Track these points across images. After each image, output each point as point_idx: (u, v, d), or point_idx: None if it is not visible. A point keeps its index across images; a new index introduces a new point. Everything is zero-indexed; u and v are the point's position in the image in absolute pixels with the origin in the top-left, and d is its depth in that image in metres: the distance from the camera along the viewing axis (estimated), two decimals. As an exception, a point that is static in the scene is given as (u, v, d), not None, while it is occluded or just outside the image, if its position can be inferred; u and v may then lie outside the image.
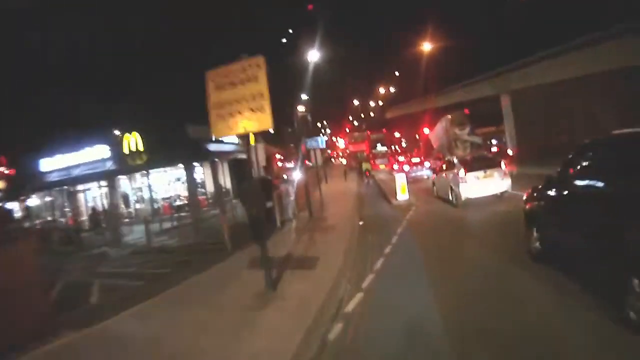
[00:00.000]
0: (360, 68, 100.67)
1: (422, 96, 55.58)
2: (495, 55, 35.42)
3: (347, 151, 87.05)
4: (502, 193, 15.75)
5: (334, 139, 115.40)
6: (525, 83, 30.57)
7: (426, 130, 41.56)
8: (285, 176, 36.31)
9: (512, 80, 32.40)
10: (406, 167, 32.80)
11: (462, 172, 15.74)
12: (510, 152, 27.74)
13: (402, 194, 19.77)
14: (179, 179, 31.18)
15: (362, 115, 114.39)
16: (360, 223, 14.82)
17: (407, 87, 69.03)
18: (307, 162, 24.16)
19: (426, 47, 45.23)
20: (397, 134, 75.86)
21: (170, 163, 27.53)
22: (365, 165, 40.09)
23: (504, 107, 33.50)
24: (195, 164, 29.08)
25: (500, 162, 16.15)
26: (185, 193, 29.90)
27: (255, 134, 7.68)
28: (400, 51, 70.16)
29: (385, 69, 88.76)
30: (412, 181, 30.51)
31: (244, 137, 8.38)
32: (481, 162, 16.35)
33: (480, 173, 15.54)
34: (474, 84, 38.06)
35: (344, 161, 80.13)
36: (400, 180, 20.14)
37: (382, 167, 51.01)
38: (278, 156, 59.65)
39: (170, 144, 24.56)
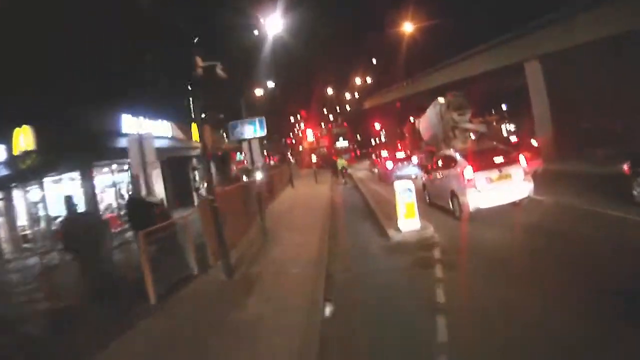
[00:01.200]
0: (333, 56, 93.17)
1: (404, 80, 48.88)
2: (496, 22, 28.56)
3: (301, 147, 79.30)
4: (520, 200, 11.47)
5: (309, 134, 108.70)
6: (563, 42, 22.04)
7: (412, 120, 34.61)
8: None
9: (544, 39, 23.42)
10: (389, 165, 25.51)
11: (468, 171, 11.41)
12: (534, 142, 20.65)
13: (409, 219, 10.85)
14: (115, 185, 23.27)
15: (338, 109, 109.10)
16: (327, 312, 6.51)
17: (386, 74, 63.47)
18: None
19: (407, 28, 40.55)
20: (377, 126, 68.35)
21: (66, 166, 19.64)
22: (340, 162, 33.00)
23: (530, 80, 25.40)
24: (102, 166, 21.30)
25: (518, 157, 11.79)
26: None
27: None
28: (378, 36, 65.64)
29: (360, 57, 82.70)
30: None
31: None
32: (493, 156, 11.77)
33: (494, 173, 11.24)
34: (476, 55, 30.44)
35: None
36: (405, 194, 11.03)
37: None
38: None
39: (69, 141, 16.98)
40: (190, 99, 21.11)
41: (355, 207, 18.14)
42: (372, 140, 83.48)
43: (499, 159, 11.52)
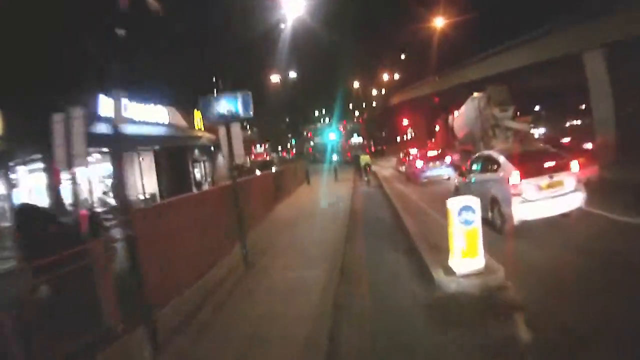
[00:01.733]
0: (361, 51, 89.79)
1: (435, 74, 45.68)
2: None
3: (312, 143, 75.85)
4: (570, 211, 9.58)
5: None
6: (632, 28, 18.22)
7: (447, 116, 31.54)
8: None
9: (610, 25, 19.70)
10: (419, 164, 22.59)
11: (515, 176, 9.58)
12: (589, 145, 17.58)
13: (469, 258, 6.69)
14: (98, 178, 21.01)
15: (364, 105, 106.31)
16: None
17: (415, 69, 60.47)
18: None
19: (438, 22, 38.48)
20: (405, 122, 65.08)
21: (28, 154, 16.92)
22: (364, 159, 29.97)
23: (590, 73, 21.79)
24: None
25: (570, 162, 9.85)
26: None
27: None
28: (407, 31, 63.09)
29: (389, 53, 79.31)
30: (426, 183, 22.30)
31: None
32: (542, 160, 10.02)
33: (543, 179, 9.46)
34: (521, 46, 26.82)
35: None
36: (464, 218, 6.78)
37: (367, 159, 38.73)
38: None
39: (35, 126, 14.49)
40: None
41: (382, 220, 14.13)
42: (398, 137, 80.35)
43: (549, 164, 9.73)
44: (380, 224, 13.46)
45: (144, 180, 22.57)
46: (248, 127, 62.67)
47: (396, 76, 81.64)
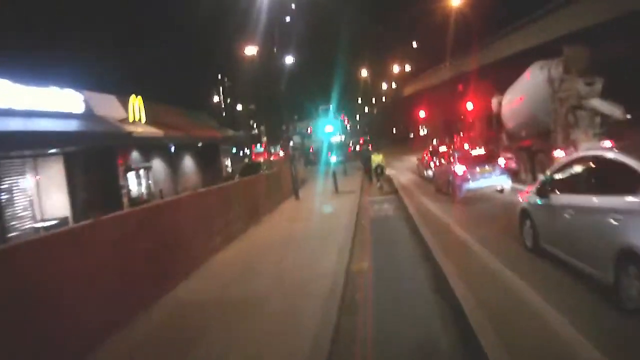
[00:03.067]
0: (370, 45, 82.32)
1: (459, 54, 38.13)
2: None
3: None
4: None
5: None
6: None
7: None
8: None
9: None
10: (459, 169, 14.34)
11: None
12: None
13: None
14: None
15: (374, 100, 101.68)
16: None
17: (430, 55, 53.13)
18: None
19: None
20: (422, 114, 56.73)
21: None
22: (376, 159, 22.40)
23: None
24: None
25: None
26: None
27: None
28: (419, 14, 56.32)
29: (399, 43, 73.37)
30: (469, 200, 14.36)
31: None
32: None
33: None
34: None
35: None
36: None
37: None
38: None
39: None
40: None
41: (412, 294, 6.59)
42: (412, 133, 72.38)
43: None
44: (411, 307, 5.98)
45: (46, 199, 15.05)
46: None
47: (407, 68, 75.61)
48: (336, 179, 20.10)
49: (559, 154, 14.30)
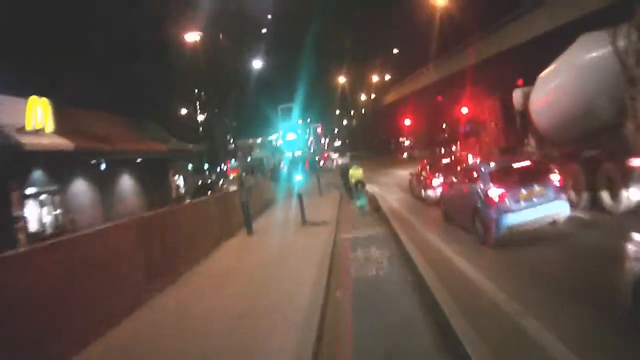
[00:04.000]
0: (348, 56, 78.42)
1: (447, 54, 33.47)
2: None
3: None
4: None
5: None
6: None
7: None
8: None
9: None
10: (494, 193, 8.78)
11: None
12: None
13: None
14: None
15: (352, 113, 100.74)
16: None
17: (412, 61, 48.70)
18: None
19: None
20: (407, 122, 51.36)
21: None
22: (355, 174, 18.34)
23: None
24: None
25: None
26: None
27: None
28: (399, 23, 52.69)
29: (379, 52, 70.69)
30: (511, 241, 8.71)
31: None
32: None
33: None
34: None
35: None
36: None
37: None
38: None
39: None
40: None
41: None
42: (392, 143, 67.43)
43: None
44: None
45: None
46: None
47: (387, 77, 72.29)
48: (303, 204, 14.50)
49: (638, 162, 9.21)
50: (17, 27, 21.80)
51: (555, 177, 9.19)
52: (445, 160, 16.84)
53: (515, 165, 9.55)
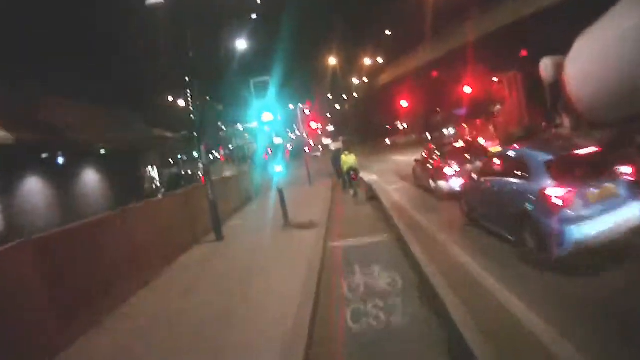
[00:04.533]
0: (340, 38, 75.26)
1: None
2: None
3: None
4: None
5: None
6: None
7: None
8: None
9: None
10: (555, 192, 6.03)
11: None
12: None
13: None
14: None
15: (345, 97, 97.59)
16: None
17: (406, 41, 45.77)
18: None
19: None
20: (404, 103, 48.01)
21: None
22: (347, 161, 17.14)
23: None
24: None
25: None
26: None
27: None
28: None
29: (371, 35, 67.36)
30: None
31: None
32: None
33: None
34: None
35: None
36: None
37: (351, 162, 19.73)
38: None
39: None
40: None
41: None
42: (387, 127, 64.57)
43: None
44: None
45: None
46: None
47: (380, 60, 69.65)
48: (284, 202, 11.66)
49: None
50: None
51: (626, 170, 6.42)
52: (458, 144, 13.97)
53: (578, 152, 6.75)
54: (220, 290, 7.25)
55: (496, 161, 8.09)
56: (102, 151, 20.57)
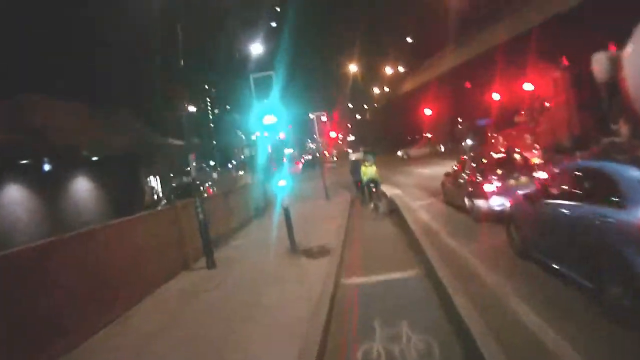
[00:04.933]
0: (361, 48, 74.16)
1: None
2: None
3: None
4: None
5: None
6: None
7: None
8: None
9: None
10: None
11: None
12: None
13: None
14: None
15: (365, 106, 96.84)
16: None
17: (429, 46, 44.13)
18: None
19: None
20: (428, 112, 45.80)
21: None
22: (367, 172, 15.81)
23: None
24: None
25: None
26: None
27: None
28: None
29: (392, 43, 67.29)
30: None
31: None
32: None
33: None
34: None
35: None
36: None
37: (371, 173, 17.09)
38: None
39: None
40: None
41: None
42: (409, 137, 62.39)
43: None
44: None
45: None
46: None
47: (400, 69, 68.35)
48: (291, 224, 9.77)
49: None
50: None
51: None
52: (497, 155, 11.97)
53: None
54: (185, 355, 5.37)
55: (564, 178, 6.10)
56: (95, 158, 18.97)
